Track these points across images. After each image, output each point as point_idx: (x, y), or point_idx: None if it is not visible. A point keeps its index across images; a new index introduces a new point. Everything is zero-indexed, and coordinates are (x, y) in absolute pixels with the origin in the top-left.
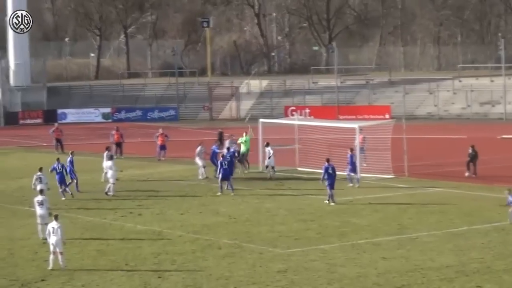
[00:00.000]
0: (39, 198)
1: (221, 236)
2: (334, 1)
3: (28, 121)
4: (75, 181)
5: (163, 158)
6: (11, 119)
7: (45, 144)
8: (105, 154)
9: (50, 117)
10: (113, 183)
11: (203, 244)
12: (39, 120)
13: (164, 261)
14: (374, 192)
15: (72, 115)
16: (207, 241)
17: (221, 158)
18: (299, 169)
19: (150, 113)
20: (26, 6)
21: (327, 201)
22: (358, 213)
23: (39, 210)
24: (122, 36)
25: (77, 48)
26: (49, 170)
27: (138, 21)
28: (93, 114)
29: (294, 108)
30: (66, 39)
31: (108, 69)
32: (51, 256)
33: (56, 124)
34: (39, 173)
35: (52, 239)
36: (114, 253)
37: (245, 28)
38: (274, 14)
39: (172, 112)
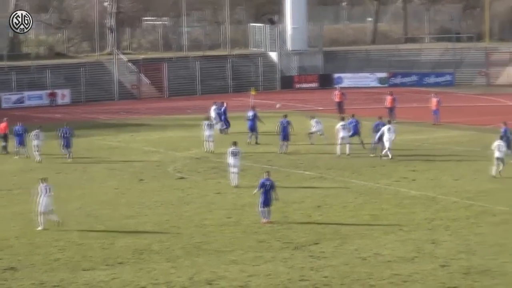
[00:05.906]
0: (233, 149)
1: (496, 202)
2: None
3: (304, 85)
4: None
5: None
6: (287, 83)
7: (320, 108)
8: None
9: (326, 81)
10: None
11: (477, 211)
12: (314, 84)
13: (438, 227)
14: None
15: (348, 79)
16: (481, 208)
17: None
18: None
19: (426, 78)
20: None
21: None
22: None
23: (231, 160)
24: (400, 0)
25: (354, 13)
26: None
27: None
28: (369, 79)
29: None
30: (343, 4)
31: (384, 34)
32: None
33: (337, 88)
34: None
35: None
36: (387, 218)
37: None
38: None
39: (448, 78)
